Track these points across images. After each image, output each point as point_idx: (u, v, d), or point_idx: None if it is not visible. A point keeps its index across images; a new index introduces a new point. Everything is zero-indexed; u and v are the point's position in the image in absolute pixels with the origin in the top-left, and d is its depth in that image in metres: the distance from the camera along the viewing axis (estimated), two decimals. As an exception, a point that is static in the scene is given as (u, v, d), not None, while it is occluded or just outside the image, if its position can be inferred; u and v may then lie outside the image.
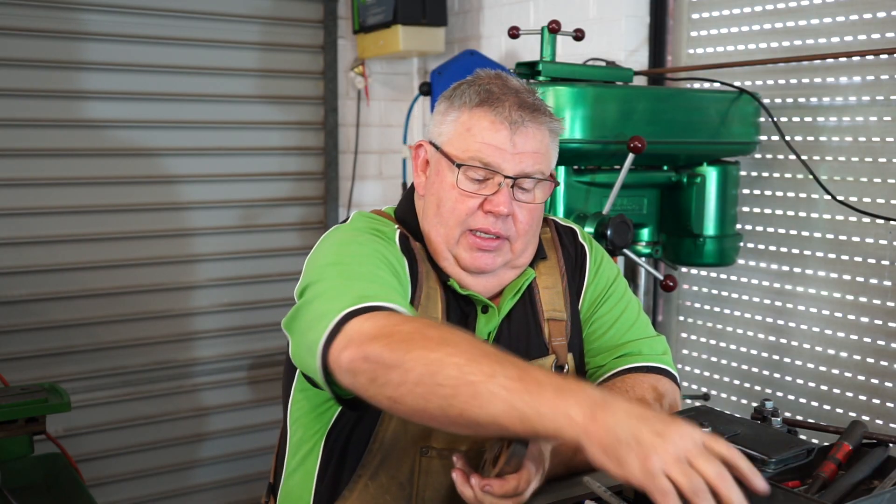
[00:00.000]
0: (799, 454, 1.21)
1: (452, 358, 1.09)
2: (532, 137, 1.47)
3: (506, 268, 1.53)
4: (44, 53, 3.03)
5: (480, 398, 1.06)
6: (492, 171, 1.45)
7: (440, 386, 1.08)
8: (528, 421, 1.04)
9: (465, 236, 1.47)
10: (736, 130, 2.47)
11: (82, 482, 2.48)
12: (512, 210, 1.46)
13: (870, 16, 2.35)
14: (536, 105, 1.49)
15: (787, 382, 2.60)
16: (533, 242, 1.56)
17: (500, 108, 1.45)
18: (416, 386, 1.10)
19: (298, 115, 3.55)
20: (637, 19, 2.88)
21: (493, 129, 1.45)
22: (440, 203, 1.48)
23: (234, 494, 3.50)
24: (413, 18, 3.29)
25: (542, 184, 1.51)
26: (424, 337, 1.14)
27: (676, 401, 1.55)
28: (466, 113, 1.47)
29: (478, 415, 1.07)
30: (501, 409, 1.05)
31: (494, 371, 1.07)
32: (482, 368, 1.08)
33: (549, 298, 1.59)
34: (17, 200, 3.03)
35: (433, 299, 1.49)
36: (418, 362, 1.10)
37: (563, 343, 1.57)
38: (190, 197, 3.34)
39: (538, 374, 1.08)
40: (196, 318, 3.39)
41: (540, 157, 1.48)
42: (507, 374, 1.07)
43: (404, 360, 1.11)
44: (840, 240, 2.46)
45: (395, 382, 1.12)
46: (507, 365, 1.08)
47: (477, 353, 1.10)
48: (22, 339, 3.07)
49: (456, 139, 1.48)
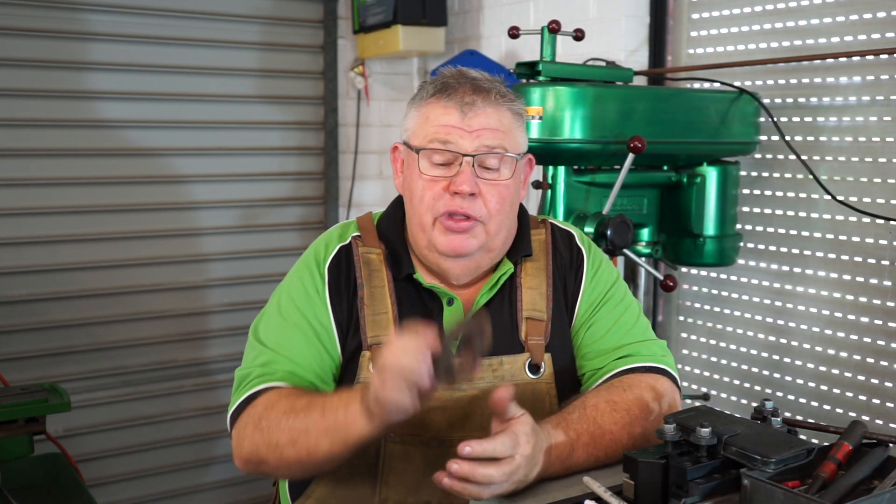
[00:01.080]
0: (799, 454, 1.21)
1: (293, 428, 1.40)
2: (487, 116, 1.51)
3: (482, 251, 1.55)
4: (42, 53, 3.03)
5: (311, 444, 1.38)
6: (451, 151, 1.50)
7: (295, 446, 1.40)
8: (341, 432, 1.35)
9: (438, 221, 1.52)
10: (736, 130, 2.47)
11: (82, 482, 2.48)
12: (478, 189, 1.50)
13: (870, 16, 2.35)
14: (490, 88, 1.53)
15: (787, 382, 2.60)
16: (508, 225, 1.57)
17: (452, 94, 1.52)
18: (288, 458, 1.42)
19: (298, 115, 3.55)
20: (637, 19, 2.88)
21: (445, 112, 1.51)
22: (412, 194, 1.55)
23: (234, 494, 3.50)
24: (413, 18, 3.29)
25: (509, 161, 1.53)
26: (279, 420, 1.42)
27: (676, 401, 1.55)
28: (424, 105, 1.55)
29: (319, 449, 1.38)
30: (327, 438, 1.37)
31: (312, 418, 1.39)
32: (305, 422, 1.39)
33: (530, 298, 1.60)
34: (17, 200, 3.03)
35: (379, 298, 1.56)
36: (282, 441, 1.41)
37: (541, 343, 1.58)
38: (190, 197, 3.34)
39: (329, 404, 1.39)
40: (196, 318, 3.39)
41: (500, 134, 1.52)
42: (319, 414, 1.38)
43: (271, 450, 1.43)
44: (840, 240, 2.46)
45: (273, 465, 1.45)
46: (314, 410, 1.39)
47: (300, 414, 1.41)
48: (22, 339, 3.07)
49: (417, 130, 1.55)
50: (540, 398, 1.56)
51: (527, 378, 1.56)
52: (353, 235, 1.63)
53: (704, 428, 1.22)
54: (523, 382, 1.56)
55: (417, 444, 1.51)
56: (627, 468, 1.24)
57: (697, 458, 1.22)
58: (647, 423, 1.46)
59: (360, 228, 1.65)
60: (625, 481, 1.24)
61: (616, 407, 1.45)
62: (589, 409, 1.44)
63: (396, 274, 1.58)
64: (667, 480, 1.22)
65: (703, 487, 1.20)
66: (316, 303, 1.57)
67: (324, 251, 1.61)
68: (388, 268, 1.59)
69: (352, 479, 1.54)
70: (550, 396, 1.58)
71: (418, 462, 1.51)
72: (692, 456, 1.23)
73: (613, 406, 1.46)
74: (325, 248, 1.62)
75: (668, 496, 1.21)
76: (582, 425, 1.41)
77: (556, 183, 2.30)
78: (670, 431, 1.25)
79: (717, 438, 1.22)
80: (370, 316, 1.55)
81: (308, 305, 1.57)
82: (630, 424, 1.44)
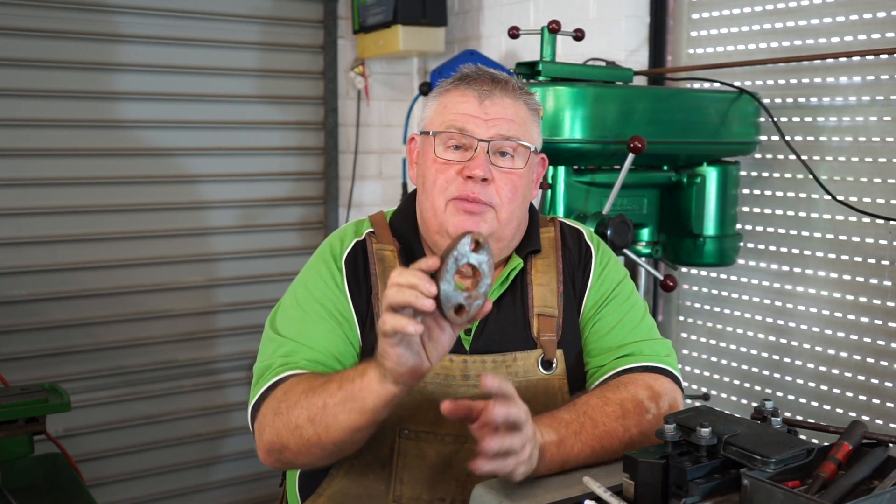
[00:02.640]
0: (799, 454, 1.21)
1: (312, 405, 1.38)
2: (504, 106, 1.54)
3: (493, 239, 1.54)
4: (41, 53, 3.03)
5: (329, 419, 1.36)
6: (466, 136, 1.52)
7: (314, 423, 1.38)
8: (358, 400, 1.31)
9: (450, 204, 1.53)
10: (736, 130, 2.47)
11: (82, 482, 2.48)
12: (490, 175, 1.51)
13: (870, 16, 2.36)
14: (507, 80, 1.57)
15: (787, 382, 2.61)
16: (519, 217, 1.58)
17: (472, 83, 1.56)
18: (308, 439, 1.39)
19: (298, 115, 3.55)
20: (637, 19, 2.88)
21: (464, 99, 1.55)
22: (425, 178, 1.56)
23: (234, 494, 3.50)
24: (413, 18, 3.29)
25: (523, 151, 1.55)
26: (298, 400, 1.40)
27: (676, 400, 1.55)
28: (442, 94, 1.58)
29: (338, 422, 1.34)
30: (345, 409, 1.34)
31: (329, 391, 1.37)
32: (322, 397, 1.37)
33: (541, 294, 1.61)
34: (17, 200, 3.03)
35: None
36: (301, 420, 1.39)
37: (553, 339, 1.58)
38: (190, 197, 3.35)
39: (346, 375, 1.36)
40: (196, 317, 3.39)
41: (516, 124, 1.54)
42: (336, 386, 1.36)
43: (291, 432, 1.40)
44: (840, 240, 2.46)
45: (294, 450, 1.41)
46: (331, 384, 1.37)
47: (318, 390, 1.39)
48: (22, 339, 3.07)
49: (434, 117, 1.58)
50: (552, 394, 1.57)
51: (540, 374, 1.57)
52: (368, 232, 1.64)
53: (704, 428, 1.22)
54: (536, 379, 1.56)
55: (432, 441, 1.51)
56: (627, 468, 1.24)
57: (697, 458, 1.22)
58: (642, 419, 1.45)
59: (374, 225, 1.65)
60: (625, 481, 1.25)
61: (608, 402, 1.46)
62: (579, 405, 1.44)
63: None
64: (667, 480, 1.22)
65: (703, 487, 1.20)
66: (335, 293, 1.56)
67: (339, 245, 1.62)
68: (402, 264, 1.59)
69: (365, 477, 1.53)
70: (563, 392, 1.58)
71: (433, 458, 1.51)
72: (692, 456, 1.23)
73: (605, 401, 1.46)
74: (340, 242, 1.62)
75: (668, 496, 1.21)
76: (571, 416, 1.41)
77: (556, 183, 2.30)
78: (670, 431, 1.25)
79: (717, 438, 1.22)
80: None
81: (327, 296, 1.56)
82: (623, 417, 1.44)
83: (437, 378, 1.51)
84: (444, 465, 1.51)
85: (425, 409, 1.51)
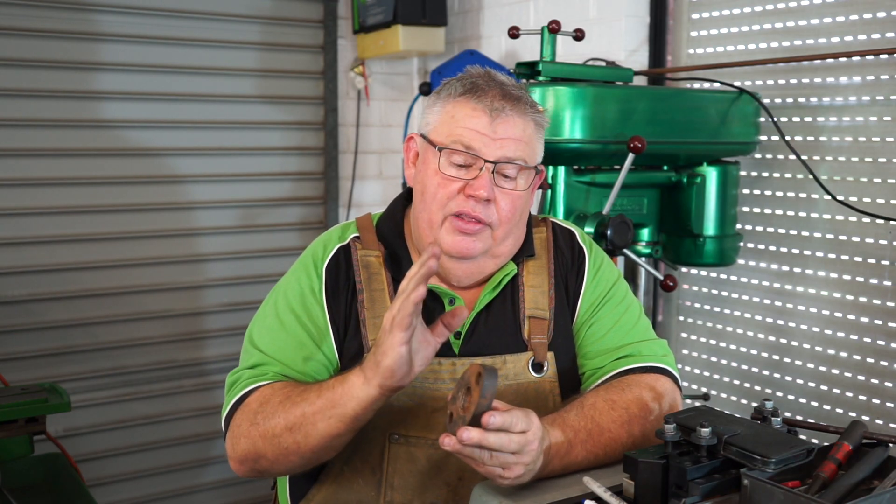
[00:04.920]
0: (799, 454, 1.21)
1: (290, 414, 1.40)
2: (514, 125, 1.51)
3: (486, 256, 1.55)
4: (42, 53, 3.03)
5: (308, 427, 1.38)
6: (473, 155, 1.49)
7: (293, 432, 1.40)
8: (338, 407, 1.35)
9: (448, 220, 1.52)
10: (736, 130, 2.47)
11: (82, 482, 2.48)
12: (493, 195, 1.50)
13: (870, 16, 2.35)
14: (520, 96, 1.54)
15: (787, 382, 2.60)
16: (516, 233, 1.58)
17: (482, 96, 1.51)
18: (287, 447, 1.41)
19: (298, 115, 3.55)
20: (637, 19, 2.88)
21: (474, 115, 1.50)
22: (425, 189, 1.54)
23: (234, 495, 3.50)
24: (413, 18, 3.29)
25: (526, 173, 1.54)
26: (275, 410, 1.43)
27: (676, 400, 1.55)
28: (451, 102, 1.54)
29: (317, 430, 1.37)
30: (324, 417, 1.37)
31: (308, 400, 1.40)
32: (301, 406, 1.40)
33: (532, 297, 1.60)
34: (17, 200, 3.03)
35: (380, 301, 1.56)
36: (278, 429, 1.41)
37: (544, 341, 1.58)
38: (190, 197, 3.34)
39: (326, 384, 1.40)
40: (196, 318, 3.39)
41: (522, 144, 1.52)
42: (316, 394, 1.40)
43: (268, 441, 1.43)
44: (840, 240, 2.46)
45: (271, 458, 1.44)
46: (310, 393, 1.40)
47: (297, 399, 1.41)
48: (22, 339, 3.06)
49: (440, 126, 1.53)
50: (543, 396, 1.57)
51: (530, 377, 1.56)
52: (352, 237, 1.63)
53: (704, 428, 1.22)
54: (527, 381, 1.56)
55: (422, 446, 1.51)
56: (627, 468, 1.25)
57: (697, 458, 1.22)
58: (646, 422, 1.46)
59: (360, 229, 1.64)
60: (625, 481, 1.25)
61: (614, 406, 1.46)
62: (587, 408, 1.44)
63: (396, 275, 1.57)
64: (667, 480, 1.22)
65: (703, 487, 1.20)
66: (311, 303, 1.56)
67: (322, 251, 1.61)
68: (387, 270, 1.59)
69: (355, 482, 1.53)
70: (554, 395, 1.58)
71: (423, 463, 1.51)
72: (692, 456, 1.23)
73: (612, 405, 1.46)
74: (323, 248, 1.62)
75: (668, 496, 1.21)
76: (580, 423, 1.41)
77: (556, 183, 2.30)
78: (670, 431, 1.25)
79: (717, 438, 1.22)
80: (371, 319, 1.55)
81: (303, 307, 1.57)
82: (629, 423, 1.44)
83: (426, 381, 1.51)
84: (435, 470, 1.51)
85: (415, 413, 1.51)
